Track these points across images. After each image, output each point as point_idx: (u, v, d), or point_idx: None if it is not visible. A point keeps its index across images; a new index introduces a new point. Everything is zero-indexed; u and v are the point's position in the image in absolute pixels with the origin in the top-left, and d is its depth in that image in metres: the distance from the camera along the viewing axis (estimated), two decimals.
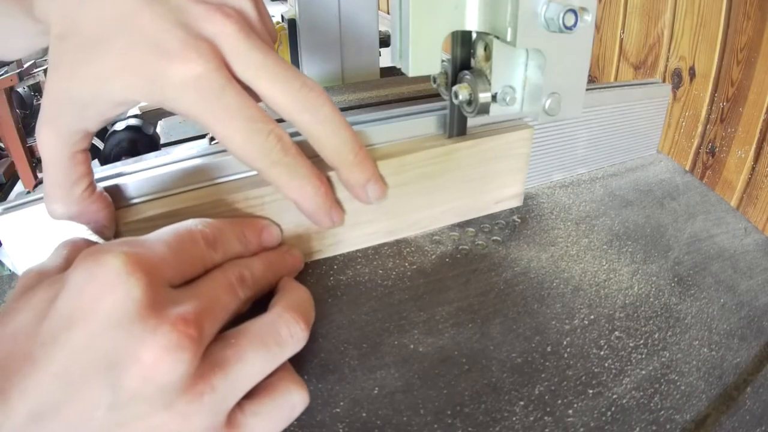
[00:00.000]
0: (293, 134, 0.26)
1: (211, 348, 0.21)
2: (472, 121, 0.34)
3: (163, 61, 0.22)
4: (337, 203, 0.30)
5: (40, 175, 1.62)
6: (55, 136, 0.24)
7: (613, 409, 0.25)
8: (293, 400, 0.22)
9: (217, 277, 0.24)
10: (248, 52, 0.24)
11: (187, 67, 0.22)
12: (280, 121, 0.26)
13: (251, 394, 0.22)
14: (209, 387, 0.20)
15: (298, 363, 0.26)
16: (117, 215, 0.28)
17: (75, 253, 0.23)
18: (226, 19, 0.24)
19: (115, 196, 0.28)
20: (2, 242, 0.29)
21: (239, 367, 0.21)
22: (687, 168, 0.77)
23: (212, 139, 0.44)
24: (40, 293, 0.20)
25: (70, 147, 0.25)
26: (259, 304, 0.26)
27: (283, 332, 0.23)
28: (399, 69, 0.28)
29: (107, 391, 0.18)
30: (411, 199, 0.34)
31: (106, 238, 0.27)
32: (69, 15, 0.23)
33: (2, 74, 1.44)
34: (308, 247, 0.32)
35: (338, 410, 0.25)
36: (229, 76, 0.24)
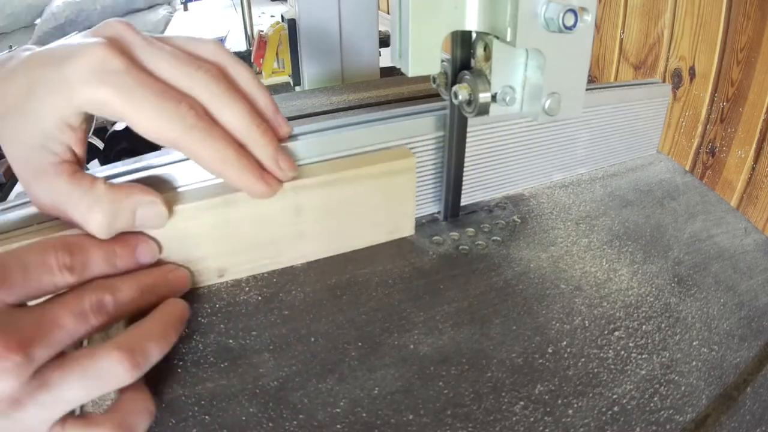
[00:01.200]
0: None
1: (48, 365, 0.22)
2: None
3: (66, 63, 0.24)
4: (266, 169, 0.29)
5: None
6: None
7: (613, 409, 0.25)
8: None
9: (67, 301, 0.24)
10: (146, 42, 0.26)
11: (89, 54, 0.24)
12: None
13: (82, 418, 0.23)
14: (33, 400, 0.21)
15: (298, 362, 0.26)
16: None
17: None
18: (122, 23, 0.26)
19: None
20: None
21: (61, 390, 0.22)
22: (687, 168, 0.77)
23: None
24: None
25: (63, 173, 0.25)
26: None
27: (104, 368, 0.23)
28: (399, 69, 0.28)
29: None
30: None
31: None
32: None
33: None
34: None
35: (338, 410, 0.25)
36: (130, 60, 0.25)
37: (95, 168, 0.31)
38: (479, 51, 0.29)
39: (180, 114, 0.25)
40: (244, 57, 1.22)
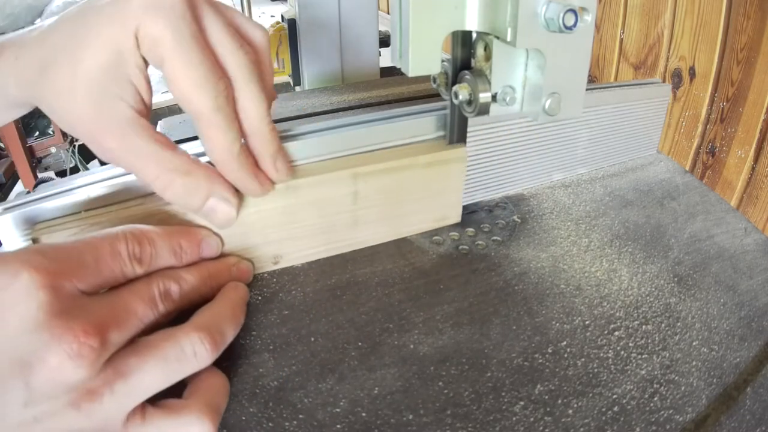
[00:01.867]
0: None
1: (120, 353, 0.22)
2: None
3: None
4: (264, 174, 0.29)
5: (40, 175, 1.62)
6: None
7: (613, 409, 0.25)
8: (190, 429, 0.23)
9: (138, 289, 0.24)
10: (213, 8, 0.25)
11: None
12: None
13: (158, 405, 0.23)
14: (109, 390, 0.21)
15: (298, 363, 0.26)
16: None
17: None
18: None
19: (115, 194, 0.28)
20: (2, 242, 0.29)
21: (139, 377, 0.22)
22: (687, 168, 0.77)
23: None
24: None
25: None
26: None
27: (187, 350, 0.23)
28: (399, 69, 0.28)
29: (21, 389, 0.20)
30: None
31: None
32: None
33: None
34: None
35: (338, 410, 0.25)
36: (192, 9, 0.24)
37: (95, 168, 0.31)
38: (479, 51, 0.29)
39: (217, 90, 0.25)
40: None
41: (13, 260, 0.21)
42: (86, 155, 1.66)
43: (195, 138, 0.49)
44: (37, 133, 1.63)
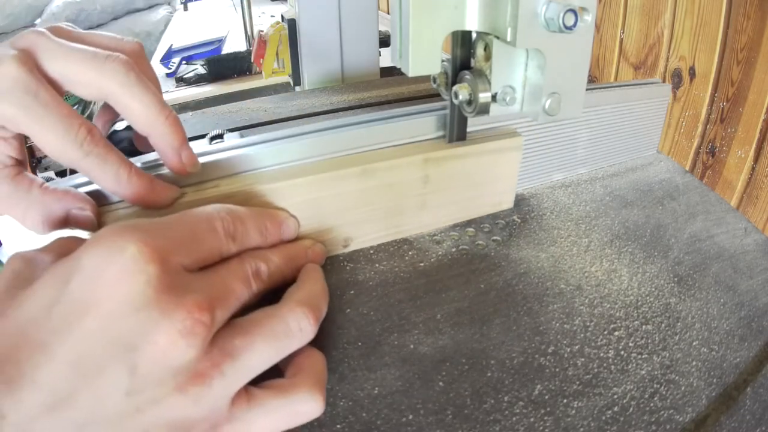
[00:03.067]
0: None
1: (222, 334, 0.21)
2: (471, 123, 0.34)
3: None
4: (162, 182, 0.29)
5: (40, 175, 1.62)
6: None
7: (613, 409, 0.25)
8: (302, 407, 0.22)
9: (233, 267, 0.24)
10: (56, 46, 0.25)
11: (8, 72, 0.23)
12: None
13: (264, 386, 0.22)
14: (218, 372, 0.20)
15: None
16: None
17: (65, 248, 0.24)
18: (35, 32, 0.25)
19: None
20: (2, 242, 0.29)
21: (248, 356, 0.21)
22: (687, 168, 0.77)
23: (212, 138, 0.44)
24: (47, 280, 0.20)
25: None
26: (272, 292, 0.26)
27: (293, 326, 0.23)
28: (399, 69, 0.28)
29: (124, 376, 0.19)
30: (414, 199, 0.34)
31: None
32: None
33: None
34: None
35: (338, 410, 0.25)
36: (41, 77, 0.24)
37: None
38: (479, 51, 0.29)
39: (79, 140, 0.25)
40: (244, 57, 1.22)
41: (117, 234, 0.20)
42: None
43: (195, 138, 0.49)
44: None
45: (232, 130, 0.47)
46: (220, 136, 0.44)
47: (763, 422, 0.25)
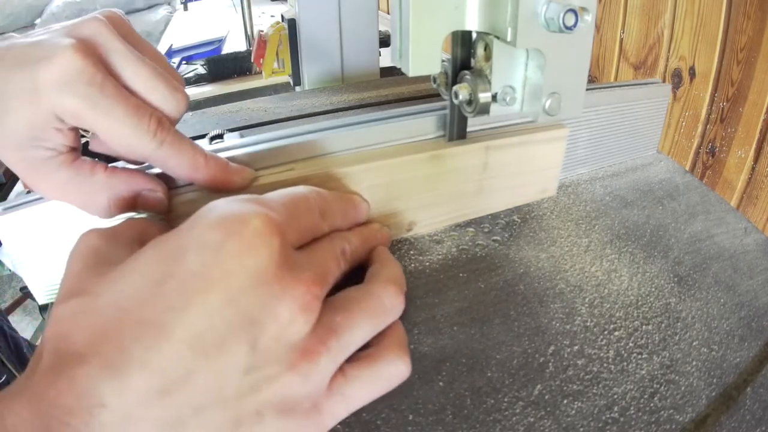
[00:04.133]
0: None
1: (323, 311, 0.21)
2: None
3: (37, 68, 0.23)
4: (236, 165, 0.29)
5: None
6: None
7: (613, 409, 0.25)
8: (393, 370, 0.23)
9: (326, 246, 0.24)
10: (124, 51, 0.25)
11: (60, 61, 0.22)
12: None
13: (353, 360, 0.22)
14: (325, 348, 0.20)
15: None
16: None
17: (140, 227, 0.24)
18: (101, 22, 0.25)
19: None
20: (2, 242, 0.29)
21: (349, 333, 0.21)
22: (687, 168, 0.77)
23: (212, 138, 0.44)
24: (150, 256, 0.19)
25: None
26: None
27: (387, 303, 0.24)
28: (399, 69, 0.28)
29: (245, 352, 0.18)
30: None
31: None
32: None
33: None
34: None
35: None
36: (104, 70, 0.24)
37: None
38: (479, 51, 0.29)
39: (151, 131, 0.24)
40: (244, 57, 1.22)
41: (237, 207, 0.20)
42: (86, 155, 1.65)
43: (195, 138, 0.49)
44: None
45: (232, 130, 0.47)
46: (220, 136, 0.44)
47: (763, 422, 0.25)
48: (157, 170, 0.29)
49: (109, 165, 0.27)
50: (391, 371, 0.23)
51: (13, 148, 0.24)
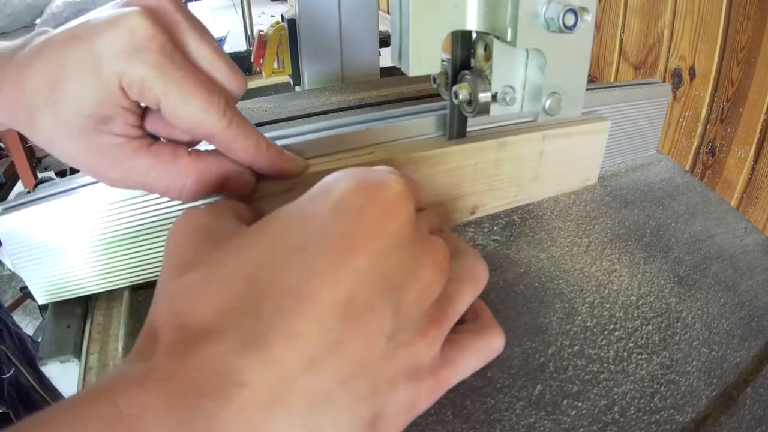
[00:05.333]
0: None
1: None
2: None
3: (97, 37, 0.21)
4: (290, 153, 0.29)
5: (40, 175, 1.62)
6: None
7: (613, 409, 0.25)
8: (497, 343, 0.23)
9: (424, 220, 0.23)
10: (191, 23, 0.24)
11: (124, 25, 0.21)
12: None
13: (459, 331, 0.23)
14: (445, 315, 0.21)
15: None
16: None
17: (228, 207, 0.23)
18: None
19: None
20: (2, 242, 0.29)
21: (460, 299, 0.22)
22: (687, 168, 0.77)
23: None
24: (278, 223, 0.18)
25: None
26: None
27: (482, 274, 0.24)
28: (399, 69, 0.28)
29: (390, 316, 0.17)
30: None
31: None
32: None
33: None
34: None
35: None
36: (172, 38, 0.23)
37: None
38: (479, 51, 0.29)
39: (221, 107, 0.23)
40: (244, 57, 1.22)
41: (373, 173, 0.19)
42: None
43: None
44: None
45: None
46: None
47: (763, 422, 0.25)
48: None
49: (190, 148, 0.26)
50: (495, 344, 0.23)
51: (75, 134, 0.23)
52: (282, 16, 0.70)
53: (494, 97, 0.29)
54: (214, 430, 0.14)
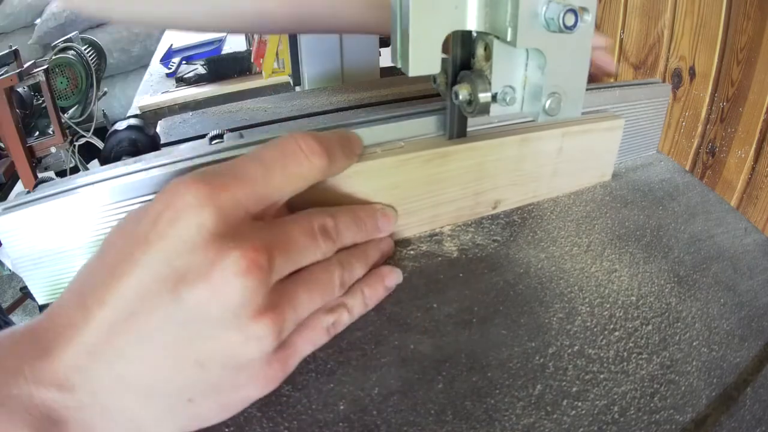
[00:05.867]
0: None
1: (284, 282, 0.23)
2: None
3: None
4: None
5: (40, 175, 1.62)
6: None
7: (613, 409, 0.25)
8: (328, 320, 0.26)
9: (298, 219, 0.25)
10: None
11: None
12: None
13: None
14: (280, 316, 0.22)
15: (299, 363, 0.26)
16: None
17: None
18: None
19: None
20: (2, 242, 0.29)
21: (304, 299, 0.24)
22: (687, 168, 0.77)
23: (212, 138, 0.44)
24: (132, 219, 0.23)
25: None
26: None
27: (334, 276, 0.26)
28: (399, 69, 0.28)
29: (175, 306, 0.20)
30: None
31: None
32: None
33: (2, 74, 1.44)
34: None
35: (338, 410, 0.25)
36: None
37: (95, 168, 0.31)
38: (479, 51, 0.29)
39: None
40: (244, 57, 1.22)
41: (182, 180, 0.22)
42: (86, 155, 1.66)
43: (195, 138, 0.49)
44: (37, 133, 1.63)
45: (232, 130, 0.47)
46: (220, 136, 0.44)
47: (763, 422, 0.25)
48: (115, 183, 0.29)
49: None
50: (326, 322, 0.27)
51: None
52: None
53: (494, 97, 0.29)
54: (50, 351, 0.20)
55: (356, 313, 0.28)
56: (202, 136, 0.45)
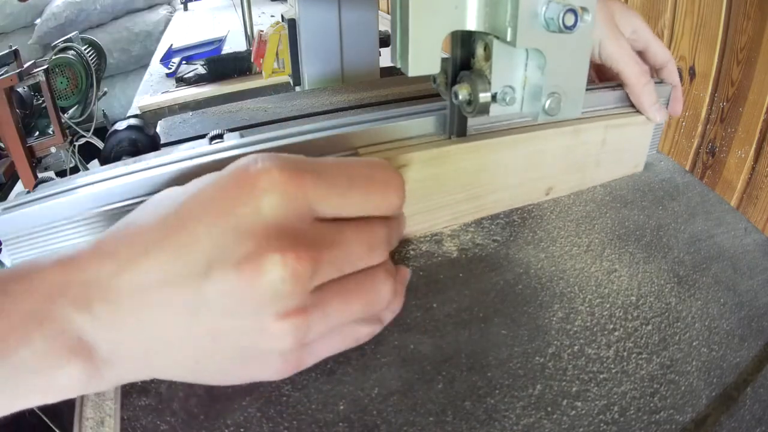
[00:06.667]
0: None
1: (324, 287, 0.22)
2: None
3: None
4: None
5: (40, 175, 1.62)
6: None
7: (613, 409, 0.25)
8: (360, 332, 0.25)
9: (360, 228, 0.23)
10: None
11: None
12: None
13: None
14: (305, 322, 0.21)
15: None
16: None
17: None
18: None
19: None
20: (2, 242, 0.29)
21: (339, 308, 0.23)
22: (687, 168, 0.77)
23: (212, 138, 0.44)
24: (198, 184, 0.22)
25: None
26: None
27: (382, 291, 0.24)
28: (399, 69, 0.28)
29: (203, 281, 0.20)
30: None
31: None
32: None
33: (2, 74, 1.44)
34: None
35: (338, 410, 0.25)
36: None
37: (96, 168, 0.31)
38: (479, 51, 0.29)
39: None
40: (244, 57, 1.22)
41: (260, 162, 0.21)
42: (86, 155, 1.66)
43: (195, 138, 0.49)
44: (37, 133, 1.63)
45: (232, 130, 0.47)
46: (220, 136, 0.44)
47: (763, 422, 0.25)
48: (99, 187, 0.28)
49: None
50: (358, 333, 0.25)
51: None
52: (282, 16, 0.70)
53: (494, 97, 0.29)
54: (88, 280, 0.21)
55: (386, 322, 0.27)
56: (202, 136, 0.45)
